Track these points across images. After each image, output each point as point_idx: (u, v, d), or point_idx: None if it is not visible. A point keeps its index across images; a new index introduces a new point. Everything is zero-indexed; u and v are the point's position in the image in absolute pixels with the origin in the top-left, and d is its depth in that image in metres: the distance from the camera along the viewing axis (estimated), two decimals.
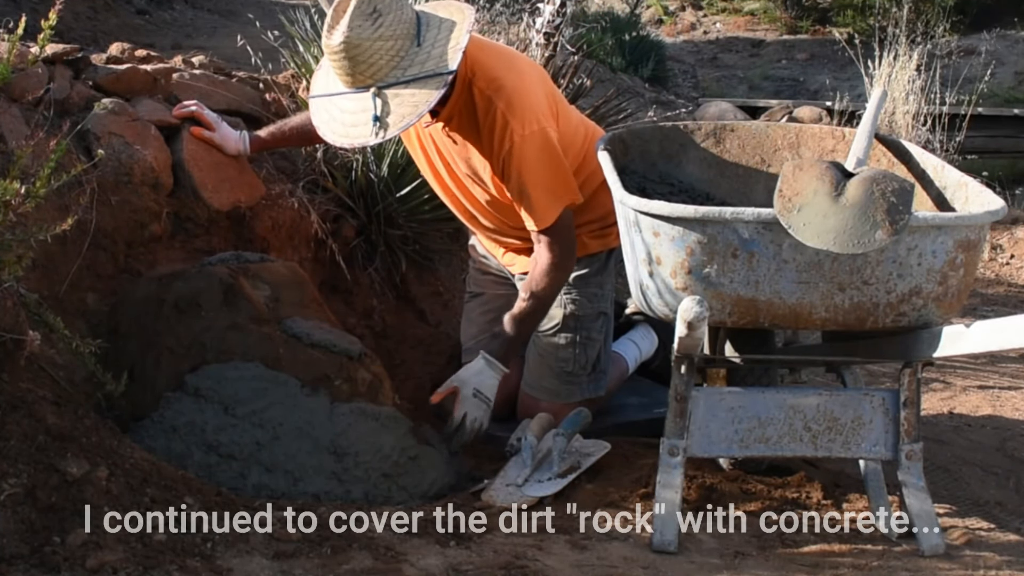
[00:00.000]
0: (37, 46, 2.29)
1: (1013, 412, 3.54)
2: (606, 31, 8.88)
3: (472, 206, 2.96)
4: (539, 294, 2.78)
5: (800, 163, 2.26)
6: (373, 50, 2.49)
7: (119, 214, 2.83)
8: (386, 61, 2.50)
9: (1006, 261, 5.78)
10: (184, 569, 1.94)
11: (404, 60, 2.52)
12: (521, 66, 2.81)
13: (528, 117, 2.67)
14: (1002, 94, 8.84)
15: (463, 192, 2.93)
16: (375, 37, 2.48)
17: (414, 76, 2.50)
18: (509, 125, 2.66)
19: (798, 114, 7.48)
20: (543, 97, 2.76)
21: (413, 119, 2.50)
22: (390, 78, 2.51)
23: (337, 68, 2.52)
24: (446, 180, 2.95)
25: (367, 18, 2.48)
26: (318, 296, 2.92)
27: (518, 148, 2.67)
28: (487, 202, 2.89)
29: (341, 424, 2.50)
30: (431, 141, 2.89)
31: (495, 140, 2.69)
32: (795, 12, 11.44)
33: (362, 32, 2.48)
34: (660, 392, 2.97)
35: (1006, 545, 2.44)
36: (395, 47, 2.51)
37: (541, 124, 2.69)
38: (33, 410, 2.12)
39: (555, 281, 2.80)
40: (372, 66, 2.50)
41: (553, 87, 2.94)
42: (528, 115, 2.68)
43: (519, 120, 2.66)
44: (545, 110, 2.73)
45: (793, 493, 2.62)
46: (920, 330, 2.33)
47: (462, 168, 2.86)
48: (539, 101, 2.73)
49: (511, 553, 2.16)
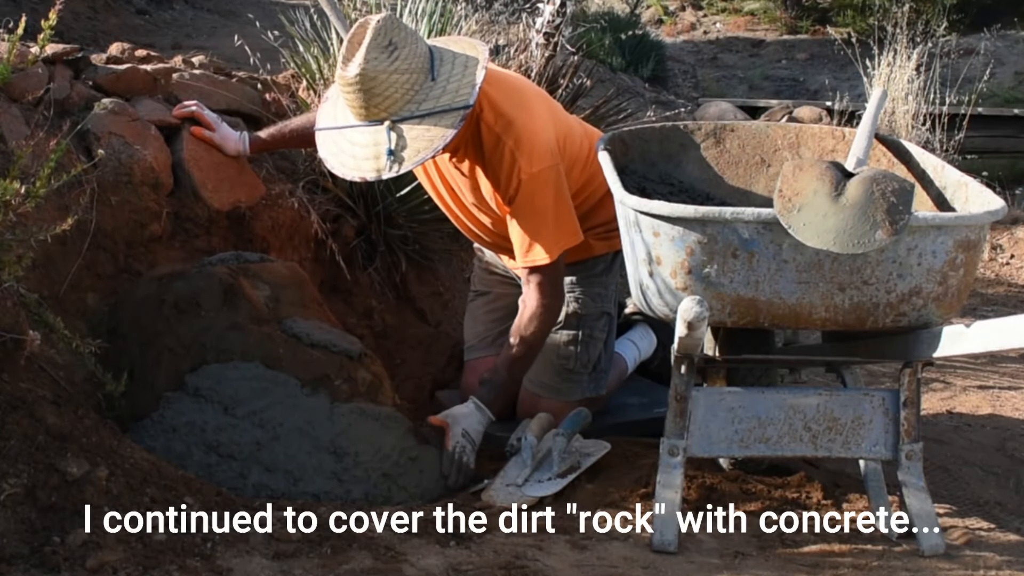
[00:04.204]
0: (37, 46, 2.29)
1: (1013, 412, 3.54)
2: (606, 31, 8.87)
3: (477, 228, 2.96)
4: (528, 339, 2.77)
5: (800, 163, 2.26)
6: (389, 83, 2.48)
7: (119, 214, 2.83)
8: (401, 95, 2.49)
9: (1006, 261, 5.78)
10: (184, 569, 1.94)
11: (419, 94, 2.51)
12: (530, 101, 2.77)
13: (537, 155, 2.66)
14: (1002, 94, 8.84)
15: (468, 217, 2.94)
16: (391, 70, 2.47)
17: (429, 111, 2.49)
18: (517, 163, 2.65)
19: (798, 114, 7.47)
20: (552, 133, 2.74)
21: (428, 154, 2.49)
22: (404, 112, 2.49)
23: (351, 101, 2.50)
24: (451, 205, 2.96)
25: (383, 51, 2.47)
26: (318, 296, 2.92)
27: (525, 186, 2.67)
28: (491, 224, 2.89)
29: (341, 424, 2.50)
30: (436, 170, 2.89)
31: (502, 177, 2.68)
32: (795, 12, 11.45)
33: (378, 64, 2.46)
34: (660, 392, 2.97)
35: (1006, 545, 2.44)
36: (410, 80, 2.49)
37: (549, 162, 2.68)
38: (33, 410, 2.12)
39: (544, 324, 2.79)
40: (387, 99, 2.48)
41: (560, 113, 2.92)
42: (536, 154, 2.66)
43: (527, 158, 2.65)
44: (553, 147, 2.71)
45: (793, 493, 2.62)
46: (920, 330, 2.33)
47: (468, 197, 2.86)
48: (548, 138, 2.71)
49: (511, 553, 2.17)
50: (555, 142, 2.73)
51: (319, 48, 3.66)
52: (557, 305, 2.83)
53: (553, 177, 2.69)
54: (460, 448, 2.63)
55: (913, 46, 6.46)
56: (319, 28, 3.72)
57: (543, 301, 2.77)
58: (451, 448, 2.62)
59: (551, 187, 2.69)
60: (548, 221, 2.71)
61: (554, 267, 2.75)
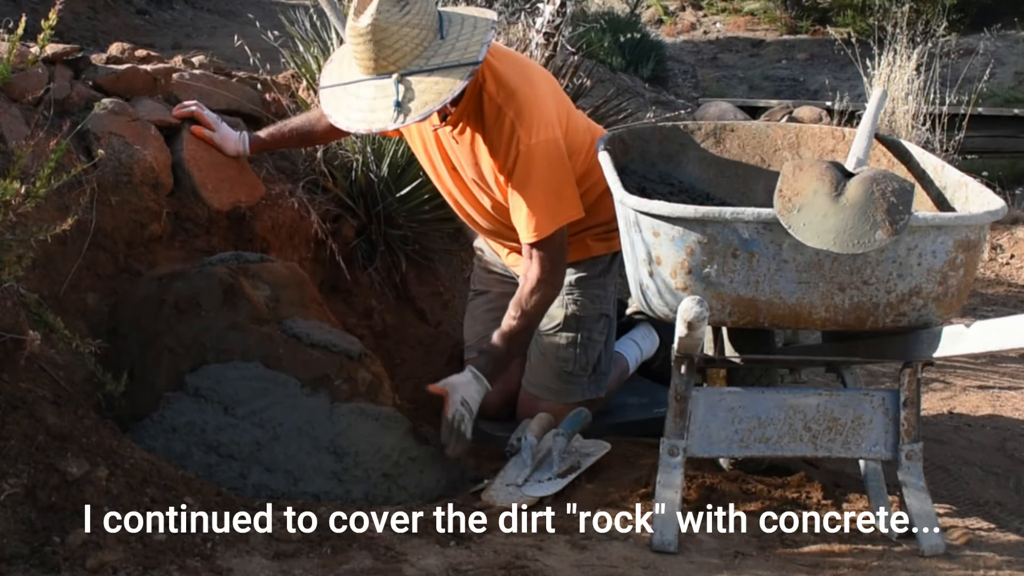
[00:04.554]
0: (37, 46, 2.29)
1: (1013, 412, 3.54)
2: (606, 31, 8.87)
3: (474, 209, 2.95)
4: (528, 311, 2.76)
5: (800, 163, 2.26)
6: (399, 36, 2.49)
7: (119, 214, 2.83)
8: (411, 48, 2.51)
9: (1006, 261, 5.78)
10: (184, 569, 1.94)
11: (427, 51, 2.52)
12: (533, 75, 2.79)
13: (536, 127, 2.66)
14: (1002, 94, 8.84)
15: (467, 196, 2.93)
16: (402, 23, 2.49)
17: (438, 65, 2.51)
18: (516, 133, 2.65)
19: (798, 114, 7.47)
20: (553, 107, 2.75)
21: (436, 106, 2.49)
22: (413, 66, 2.51)
23: (360, 53, 2.52)
24: (448, 184, 2.94)
25: (395, 4, 2.49)
26: (318, 296, 2.92)
27: (524, 157, 2.66)
28: (491, 207, 2.88)
29: (341, 424, 2.50)
30: (436, 145, 2.89)
31: (502, 148, 2.68)
32: (795, 12, 11.44)
33: (390, 16, 2.48)
34: (660, 392, 2.97)
35: (1006, 545, 2.44)
36: (420, 36, 2.51)
37: (549, 135, 2.68)
38: (33, 410, 2.12)
39: (544, 297, 2.78)
40: (396, 52, 2.50)
41: (564, 96, 2.92)
42: (536, 125, 2.67)
43: (527, 129, 2.65)
44: (554, 120, 2.72)
45: (793, 493, 2.62)
46: (920, 330, 2.34)
47: (468, 173, 2.85)
48: (549, 111, 2.72)
49: (511, 553, 2.16)
50: (556, 117, 2.73)
51: (319, 48, 3.66)
52: (557, 280, 2.81)
53: (552, 150, 2.69)
54: (459, 416, 2.61)
55: (913, 46, 6.46)
56: (319, 28, 3.72)
57: (542, 276, 2.75)
58: (450, 416, 2.61)
59: (549, 159, 2.69)
60: (546, 194, 2.70)
61: (554, 241, 2.74)
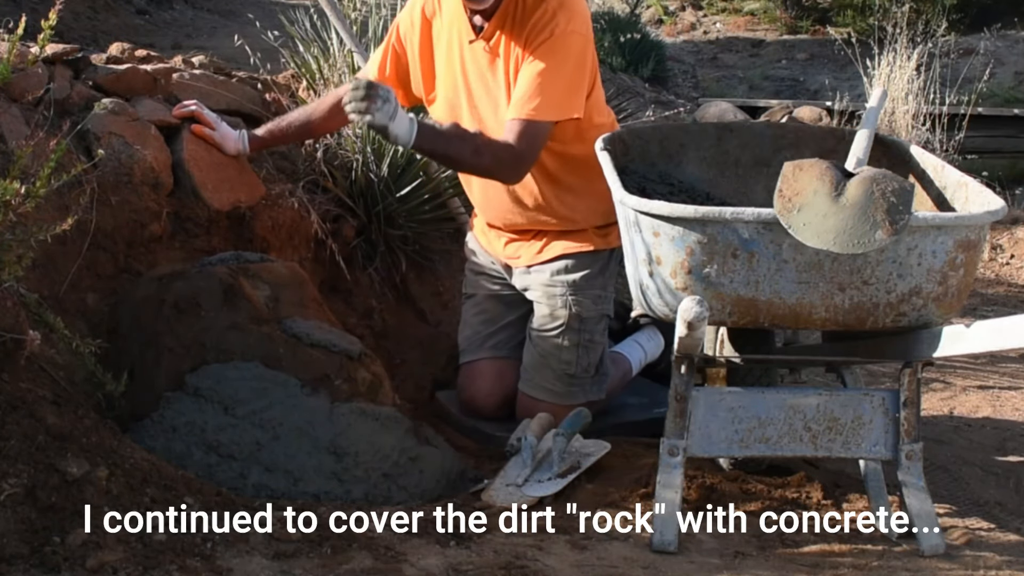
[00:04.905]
0: (37, 46, 2.29)
1: (1013, 412, 3.54)
2: (606, 31, 8.86)
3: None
4: (478, 149, 2.73)
5: (800, 163, 2.26)
6: None
7: (119, 214, 2.83)
8: None
9: (1006, 261, 5.77)
10: (184, 569, 1.94)
11: None
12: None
13: (577, 19, 2.76)
14: (1002, 94, 8.83)
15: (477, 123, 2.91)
16: None
17: None
18: (557, 17, 2.73)
19: (798, 114, 7.47)
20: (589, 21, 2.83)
21: None
22: None
23: None
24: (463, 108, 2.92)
25: None
26: (318, 296, 2.92)
27: (556, 39, 2.73)
28: None
29: (341, 424, 2.50)
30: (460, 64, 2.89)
31: (537, 30, 2.75)
32: (795, 12, 11.43)
33: None
34: (660, 392, 2.97)
35: (1006, 545, 2.44)
36: None
37: (586, 31, 2.78)
38: (33, 410, 2.12)
39: (497, 164, 2.76)
40: None
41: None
42: (578, 18, 2.76)
43: (567, 16, 2.74)
44: (590, 26, 2.81)
45: (793, 493, 2.62)
46: (920, 330, 2.34)
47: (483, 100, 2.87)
48: (588, 15, 2.81)
49: (511, 553, 2.16)
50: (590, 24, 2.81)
51: (319, 48, 3.66)
52: (521, 166, 2.80)
53: (581, 45, 2.78)
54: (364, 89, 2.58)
55: (913, 46, 6.46)
56: (319, 28, 3.72)
57: (512, 149, 2.74)
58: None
59: (578, 52, 2.77)
60: (561, 81, 2.75)
61: (537, 129, 2.75)
